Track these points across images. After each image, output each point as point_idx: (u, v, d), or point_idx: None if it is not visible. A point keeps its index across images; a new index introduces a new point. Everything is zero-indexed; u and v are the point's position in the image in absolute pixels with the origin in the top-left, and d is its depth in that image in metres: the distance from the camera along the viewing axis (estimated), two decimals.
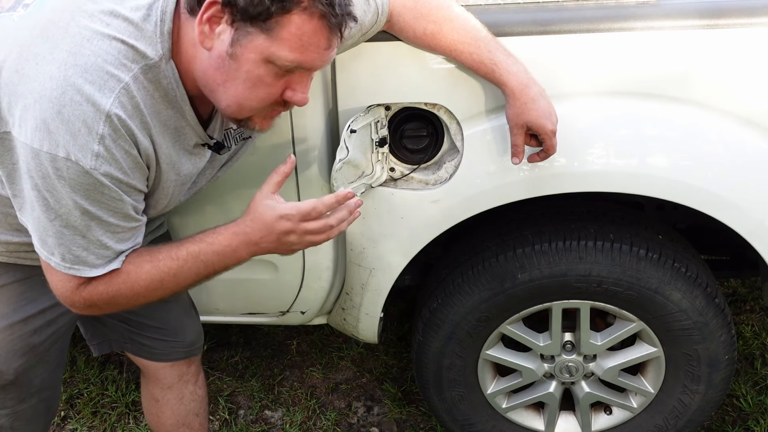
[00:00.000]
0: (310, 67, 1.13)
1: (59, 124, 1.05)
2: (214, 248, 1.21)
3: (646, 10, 1.45)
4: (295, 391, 2.41)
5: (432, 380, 1.89)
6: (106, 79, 1.07)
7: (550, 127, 1.39)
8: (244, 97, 1.14)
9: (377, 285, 1.75)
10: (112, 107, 1.07)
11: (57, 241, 1.14)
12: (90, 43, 1.08)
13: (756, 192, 1.52)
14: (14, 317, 1.41)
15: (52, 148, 1.06)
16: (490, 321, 1.76)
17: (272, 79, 1.12)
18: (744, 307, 2.69)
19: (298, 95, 1.16)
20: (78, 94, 1.05)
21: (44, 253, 1.17)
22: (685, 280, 1.66)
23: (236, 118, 1.19)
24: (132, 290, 1.22)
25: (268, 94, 1.14)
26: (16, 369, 1.45)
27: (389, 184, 1.61)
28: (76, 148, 1.06)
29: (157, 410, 1.76)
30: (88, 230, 1.13)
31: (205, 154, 1.30)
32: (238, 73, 1.11)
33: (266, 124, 1.23)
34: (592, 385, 1.91)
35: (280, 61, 1.09)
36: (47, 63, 1.08)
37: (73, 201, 1.10)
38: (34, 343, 1.45)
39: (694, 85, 1.45)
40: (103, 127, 1.07)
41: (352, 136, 1.46)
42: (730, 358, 1.78)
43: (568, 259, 1.64)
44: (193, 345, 1.70)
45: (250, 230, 1.20)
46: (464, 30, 1.39)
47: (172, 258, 1.21)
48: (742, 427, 2.17)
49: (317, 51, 1.11)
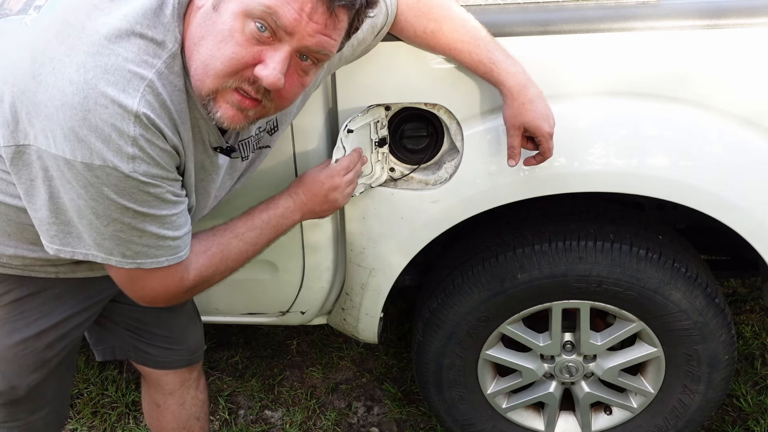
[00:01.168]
0: (285, 24, 1.01)
1: (87, 132, 1.00)
2: (280, 211, 1.37)
3: (646, 10, 1.45)
4: (295, 391, 2.41)
5: (432, 380, 1.89)
6: (129, 78, 1.02)
7: (547, 130, 1.38)
8: (210, 54, 1.04)
9: (377, 285, 1.75)
10: (139, 107, 1.02)
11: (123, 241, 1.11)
12: (108, 42, 1.03)
13: (756, 192, 1.52)
14: (27, 332, 1.37)
15: (86, 157, 1.01)
16: (490, 321, 1.76)
17: (244, 38, 1.02)
18: (744, 307, 2.69)
19: (268, 70, 1.03)
20: (102, 97, 1.00)
21: (115, 261, 1.13)
22: (685, 280, 1.66)
23: (200, 93, 1.08)
24: (226, 265, 1.28)
25: (234, 54, 1.03)
26: (28, 384, 1.42)
27: (389, 184, 1.61)
28: (110, 155, 1.01)
29: (158, 415, 1.75)
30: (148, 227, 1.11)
31: (219, 159, 1.26)
32: (214, 26, 1.03)
33: (231, 113, 1.08)
34: (592, 385, 1.91)
35: (253, 6, 1.00)
36: (65, 67, 1.01)
37: (121, 205, 1.06)
38: (47, 358, 1.41)
39: (694, 85, 1.45)
40: (134, 128, 1.02)
41: (349, 135, 1.46)
42: (730, 358, 1.78)
43: (568, 260, 1.64)
44: (196, 352, 1.69)
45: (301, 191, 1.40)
46: (464, 29, 1.39)
47: (251, 228, 1.32)
48: (742, 427, 2.17)
49: (299, 12, 1.01)
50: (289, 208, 1.38)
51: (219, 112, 1.08)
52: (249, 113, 1.10)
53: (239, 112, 1.09)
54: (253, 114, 1.11)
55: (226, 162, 1.28)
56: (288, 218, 1.38)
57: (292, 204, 1.38)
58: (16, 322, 1.36)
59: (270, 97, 1.09)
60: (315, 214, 1.44)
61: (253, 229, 1.33)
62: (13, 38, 1.12)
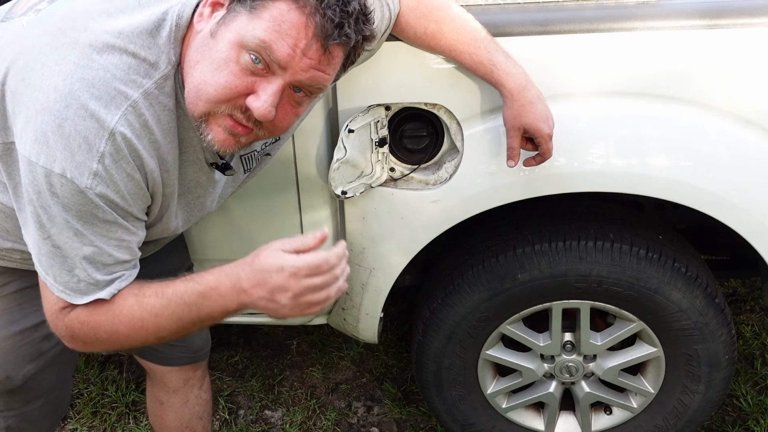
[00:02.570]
0: (279, 59, 1.01)
1: (58, 138, 1.00)
2: (200, 288, 1.07)
3: (646, 10, 1.45)
4: (295, 391, 2.41)
5: (432, 380, 1.89)
6: (113, 95, 1.02)
7: (547, 131, 1.39)
8: (203, 79, 1.03)
9: (377, 285, 1.75)
10: (117, 125, 1.01)
11: (49, 261, 1.08)
12: (99, 56, 1.03)
13: (756, 192, 1.52)
14: (25, 323, 1.39)
15: (48, 162, 1.00)
16: (490, 321, 1.76)
17: (238, 68, 1.02)
18: (744, 307, 2.69)
19: (259, 102, 1.02)
20: (82, 109, 1.00)
21: (41, 272, 1.12)
22: (685, 280, 1.66)
23: (193, 114, 1.07)
24: (112, 325, 1.11)
25: (227, 83, 1.02)
26: (24, 374, 1.43)
27: (389, 184, 1.61)
28: (73, 165, 1.00)
29: (161, 412, 1.75)
30: (78, 253, 1.06)
31: (215, 175, 1.25)
32: (210, 53, 1.03)
33: (222, 137, 1.07)
34: (592, 385, 1.91)
35: (249, 38, 1.00)
36: (53, 74, 1.02)
37: (65, 220, 1.04)
38: (44, 349, 1.43)
39: (694, 85, 1.45)
40: (105, 145, 1.01)
41: (350, 135, 1.46)
42: (730, 358, 1.78)
43: (568, 259, 1.64)
44: (201, 350, 1.69)
45: (243, 274, 1.05)
46: (464, 30, 1.39)
47: (158, 295, 1.09)
48: (742, 427, 2.17)
49: (293, 47, 1.01)
50: (217, 290, 1.07)
51: (210, 135, 1.07)
52: (241, 139, 1.09)
53: (231, 136, 1.08)
54: (245, 140, 1.10)
55: (223, 177, 1.28)
56: (212, 301, 1.07)
57: (226, 286, 1.06)
58: (15, 313, 1.38)
59: (261, 126, 1.09)
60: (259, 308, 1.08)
61: (159, 296, 1.09)
62: (10, 39, 1.14)
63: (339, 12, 1.02)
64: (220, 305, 1.08)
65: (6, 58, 1.09)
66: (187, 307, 1.08)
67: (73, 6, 1.13)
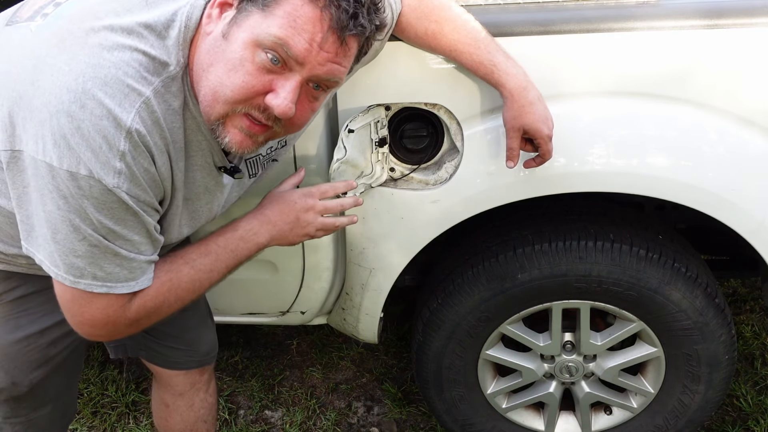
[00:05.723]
0: (296, 55, 1.01)
1: (79, 140, 0.99)
2: (239, 233, 1.25)
3: (646, 10, 1.45)
4: (295, 391, 2.41)
5: (432, 380, 1.89)
6: (126, 92, 1.02)
7: (546, 132, 1.39)
8: (219, 81, 1.04)
9: (377, 285, 1.75)
10: (132, 123, 1.02)
11: (88, 260, 1.07)
12: (110, 54, 1.03)
13: (756, 192, 1.52)
14: (31, 329, 1.37)
15: (72, 165, 1.00)
16: (490, 321, 1.76)
17: (254, 67, 1.02)
18: (744, 307, 2.69)
19: (279, 99, 1.03)
20: (98, 108, 0.99)
21: (70, 278, 1.08)
22: (685, 280, 1.66)
23: (209, 118, 1.08)
24: (176, 295, 1.19)
25: (244, 83, 1.03)
26: (31, 380, 1.42)
27: (389, 184, 1.61)
28: (98, 166, 1.00)
29: (166, 414, 1.75)
30: (116, 248, 1.08)
31: (224, 179, 1.25)
32: (224, 54, 1.03)
33: (239, 138, 1.09)
34: (592, 385, 1.91)
35: (264, 36, 1.00)
36: (64, 74, 1.01)
37: (99, 221, 1.04)
38: (51, 355, 1.42)
39: (694, 85, 1.45)
40: (124, 143, 1.01)
41: (350, 135, 1.46)
42: (730, 358, 1.78)
43: (568, 259, 1.64)
44: (208, 354, 1.69)
45: (269, 210, 1.27)
46: (465, 30, 1.39)
47: (204, 254, 1.22)
48: (742, 427, 2.17)
49: (310, 42, 1.01)
50: (251, 230, 1.26)
51: (227, 137, 1.09)
52: (258, 138, 1.10)
53: (247, 137, 1.09)
54: (263, 138, 1.11)
55: (231, 180, 1.28)
56: (249, 241, 1.26)
57: (256, 225, 1.27)
58: (20, 319, 1.37)
59: (281, 123, 1.10)
60: (284, 239, 1.31)
61: (206, 254, 1.22)
62: (17, 44, 1.12)
63: (353, 2, 1.02)
64: (256, 243, 1.27)
65: (15, 63, 1.08)
66: (232, 254, 1.25)
67: (81, 7, 1.12)
